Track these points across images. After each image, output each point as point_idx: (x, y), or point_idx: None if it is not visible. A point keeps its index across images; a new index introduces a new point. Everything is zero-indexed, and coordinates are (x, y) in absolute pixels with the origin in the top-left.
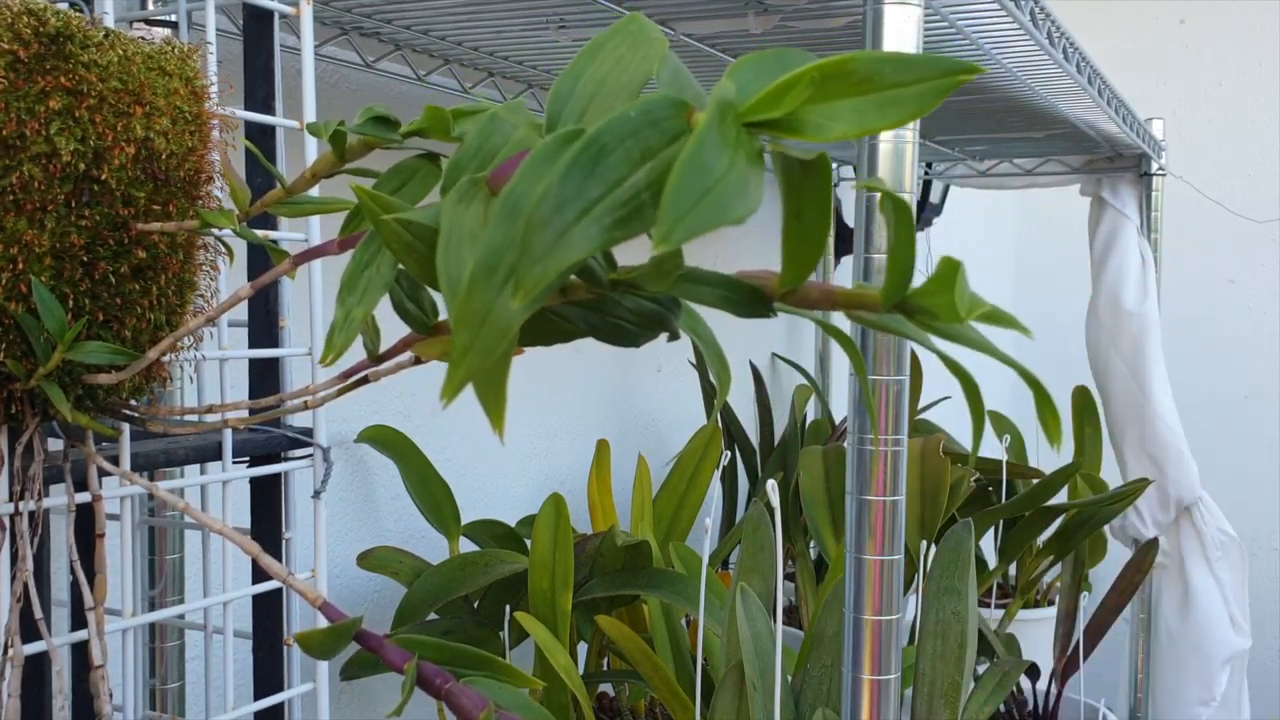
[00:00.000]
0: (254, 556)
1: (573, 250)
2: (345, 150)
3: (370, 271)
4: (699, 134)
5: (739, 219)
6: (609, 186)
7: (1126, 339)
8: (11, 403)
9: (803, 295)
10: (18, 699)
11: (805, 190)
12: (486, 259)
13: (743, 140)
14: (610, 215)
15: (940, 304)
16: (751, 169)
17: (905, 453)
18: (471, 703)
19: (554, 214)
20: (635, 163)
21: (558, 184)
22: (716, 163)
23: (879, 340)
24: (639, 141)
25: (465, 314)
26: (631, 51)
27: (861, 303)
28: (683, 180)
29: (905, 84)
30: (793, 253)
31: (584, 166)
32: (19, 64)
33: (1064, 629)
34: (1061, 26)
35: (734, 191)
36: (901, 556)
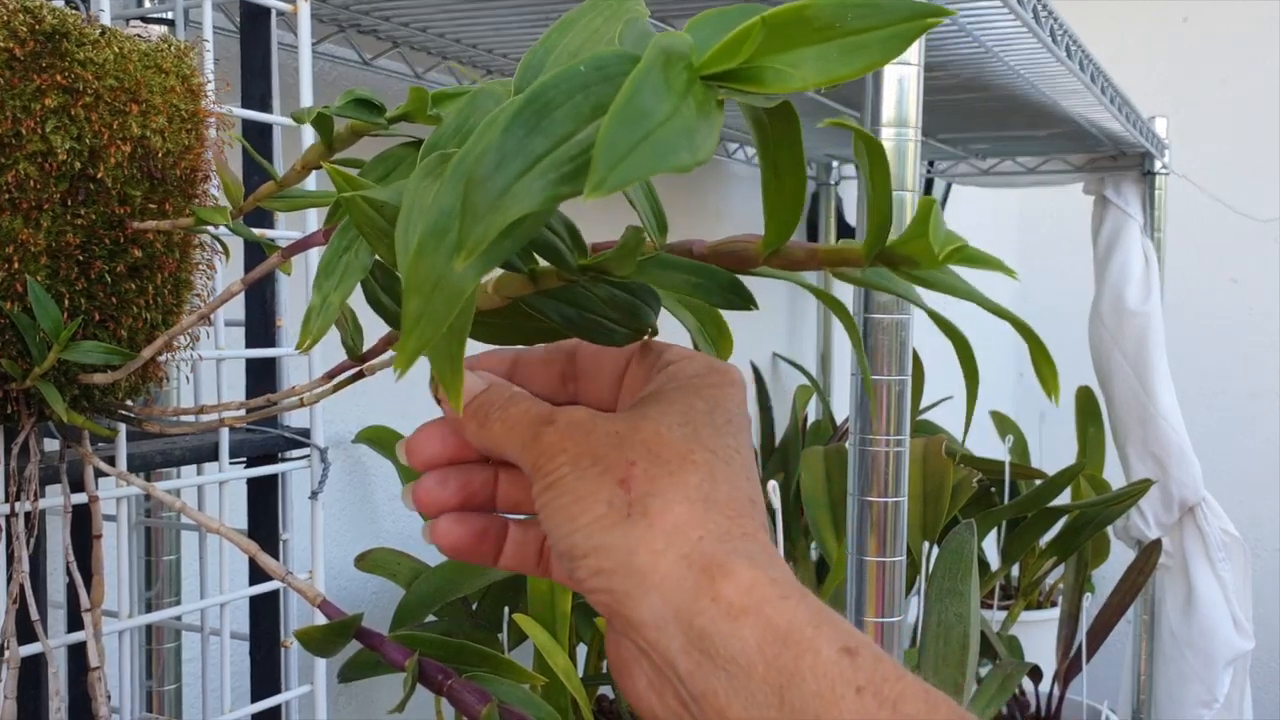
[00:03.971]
0: (252, 556)
1: (515, 206)
2: (333, 138)
3: (348, 256)
4: (635, 76)
5: (682, 167)
6: (554, 142)
7: (1130, 338)
8: (7, 403)
9: (787, 256)
10: (14, 701)
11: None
12: (436, 223)
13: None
14: (555, 170)
15: (919, 249)
16: (701, 118)
17: (907, 453)
18: (474, 698)
19: (495, 170)
20: (585, 118)
21: (499, 139)
22: (657, 107)
23: (880, 340)
24: (589, 96)
25: (415, 280)
26: (607, 24)
27: (845, 258)
28: (617, 125)
29: (870, 29)
30: (774, 210)
31: (527, 121)
32: (14, 62)
33: (1067, 630)
34: (1064, 24)
35: (676, 138)
36: (903, 558)
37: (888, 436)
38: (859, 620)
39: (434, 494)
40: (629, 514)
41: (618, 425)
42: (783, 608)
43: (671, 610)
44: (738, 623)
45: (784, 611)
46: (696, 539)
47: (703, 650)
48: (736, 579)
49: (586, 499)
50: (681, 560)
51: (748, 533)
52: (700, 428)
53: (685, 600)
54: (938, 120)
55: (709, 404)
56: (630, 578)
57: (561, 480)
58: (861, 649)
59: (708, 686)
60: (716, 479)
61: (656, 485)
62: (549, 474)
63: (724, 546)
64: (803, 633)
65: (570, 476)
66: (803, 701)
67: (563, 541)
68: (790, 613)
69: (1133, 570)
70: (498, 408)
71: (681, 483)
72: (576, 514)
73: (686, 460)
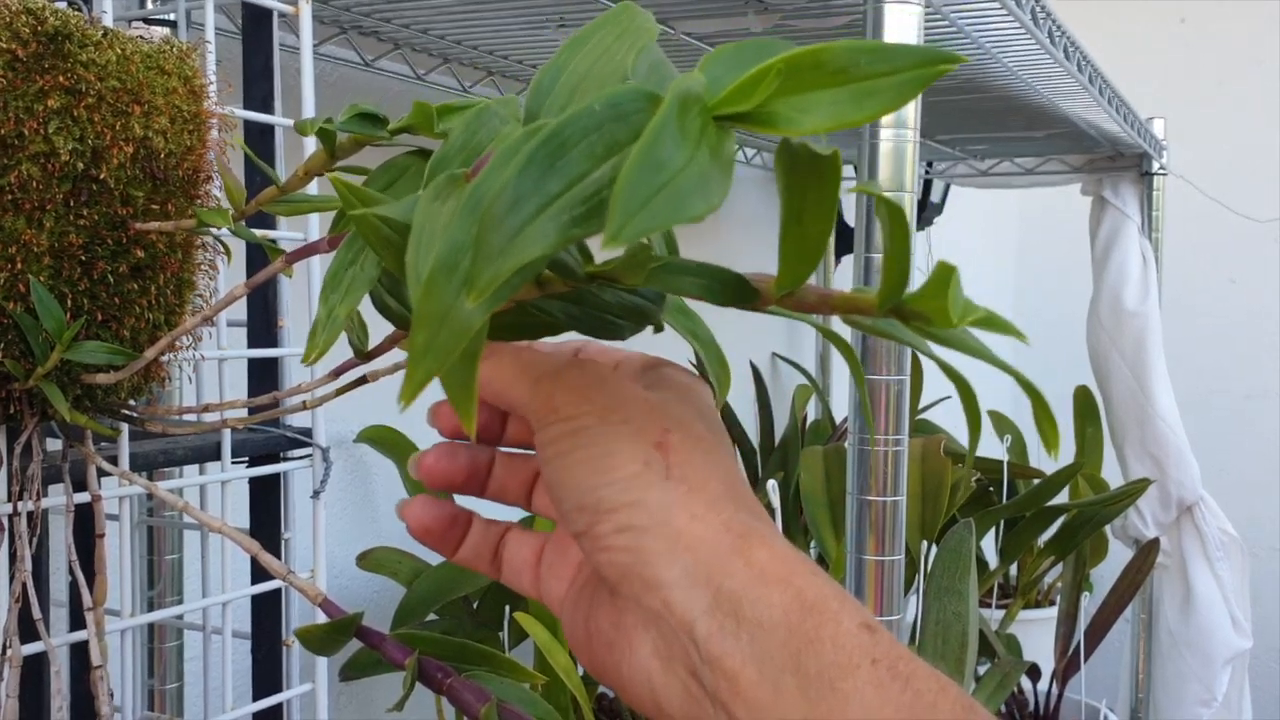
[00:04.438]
0: (254, 554)
1: (528, 249)
2: (335, 147)
3: (354, 269)
4: (654, 126)
5: (696, 217)
6: (568, 183)
7: (1128, 339)
8: (10, 402)
9: (799, 299)
10: (16, 699)
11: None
12: (446, 257)
13: (707, 134)
14: (568, 213)
15: (934, 309)
16: (714, 164)
17: (906, 453)
18: (474, 697)
19: (509, 211)
20: (598, 158)
21: (515, 179)
22: (674, 157)
23: (879, 340)
24: (603, 136)
25: (423, 314)
26: (619, 42)
27: (857, 307)
28: (635, 175)
29: (883, 74)
30: (791, 256)
31: (543, 161)
32: (17, 63)
33: (1065, 629)
34: (1062, 25)
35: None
36: (902, 557)
37: (886, 436)
38: None
39: (440, 465)
40: (668, 475)
41: (644, 392)
42: (812, 580)
43: (704, 571)
44: (769, 588)
45: (813, 584)
46: (734, 510)
47: (727, 612)
48: (771, 548)
49: (619, 454)
50: (721, 525)
51: (770, 525)
52: (713, 425)
53: (718, 562)
54: (936, 121)
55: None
56: (663, 538)
57: (587, 430)
58: (880, 629)
59: (724, 649)
60: (737, 474)
61: (694, 458)
62: (570, 419)
63: (758, 523)
64: (828, 604)
65: (597, 428)
66: (819, 668)
67: (589, 494)
68: (820, 587)
69: (1131, 569)
70: (511, 348)
71: (716, 463)
72: (609, 467)
73: (716, 446)
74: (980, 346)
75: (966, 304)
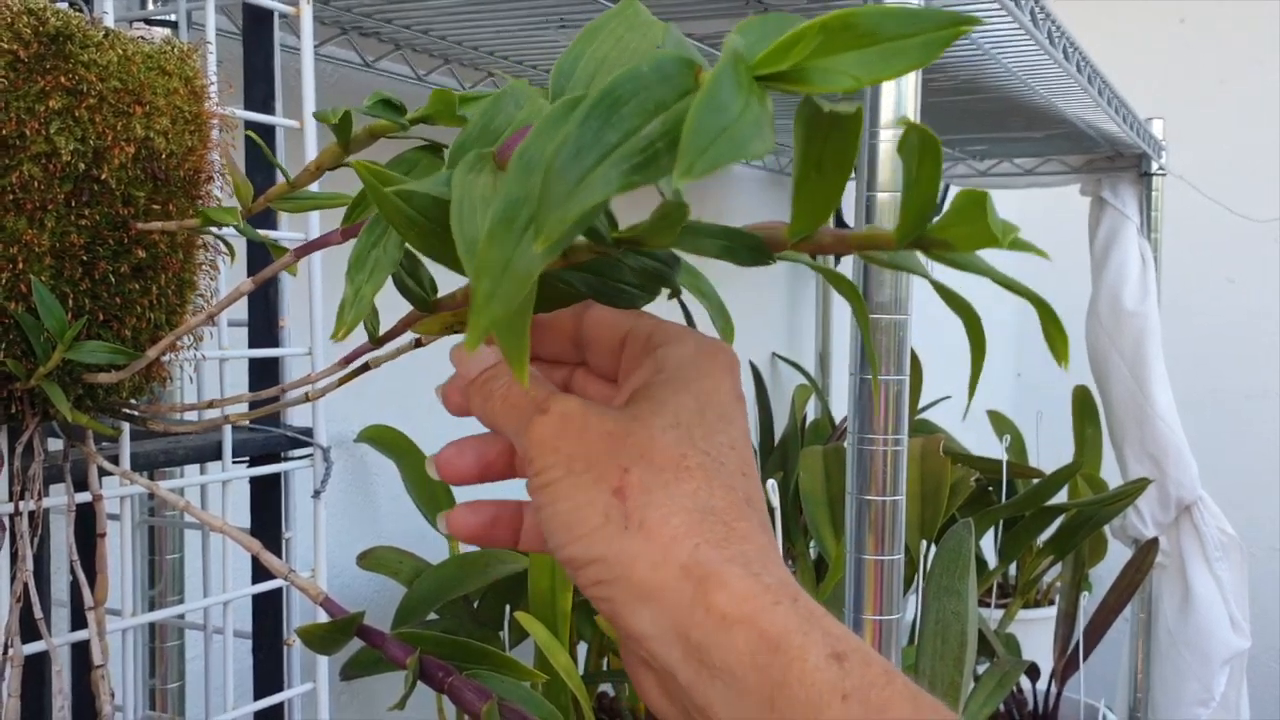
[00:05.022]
0: (255, 554)
1: (593, 193)
2: (350, 140)
3: (378, 251)
4: (715, 76)
5: (757, 154)
6: (625, 134)
7: (1127, 338)
8: (11, 402)
9: (815, 241)
10: (18, 699)
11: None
12: (505, 211)
13: (753, 88)
14: (627, 161)
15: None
16: (764, 114)
17: (905, 452)
18: (475, 695)
19: (573, 160)
20: (649, 113)
21: (576, 131)
22: (732, 103)
23: (879, 340)
24: (651, 95)
25: (486, 264)
26: (630, 33)
27: (875, 243)
28: (701, 118)
29: (908, 35)
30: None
31: (601, 115)
32: (19, 63)
33: (1064, 629)
34: (1061, 26)
35: (750, 130)
36: (901, 556)
37: (886, 436)
38: (857, 618)
39: (454, 463)
40: (626, 526)
41: (610, 425)
42: (775, 615)
43: (669, 622)
44: (730, 633)
45: (776, 619)
46: (693, 547)
47: (700, 661)
48: (729, 589)
49: (582, 509)
50: (679, 571)
51: (745, 535)
52: (692, 429)
53: (681, 612)
54: (936, 122)
55: (699, 402)
56: (628, 589)
57: (556, 484)
58: (851, 654)
59: (707, 699)
60: (712, 484)
61: (653, 496)
62: (542, 473)
63: (720, 553)
64: (792, 640)
65: (564, 481)
66: (791, 710)
67: (561, 552)
68: (782, 620)
69: (1130, 569)
70: (501, 385)
71: (678, 491)
72: (573, 524)
73: (681, 467)
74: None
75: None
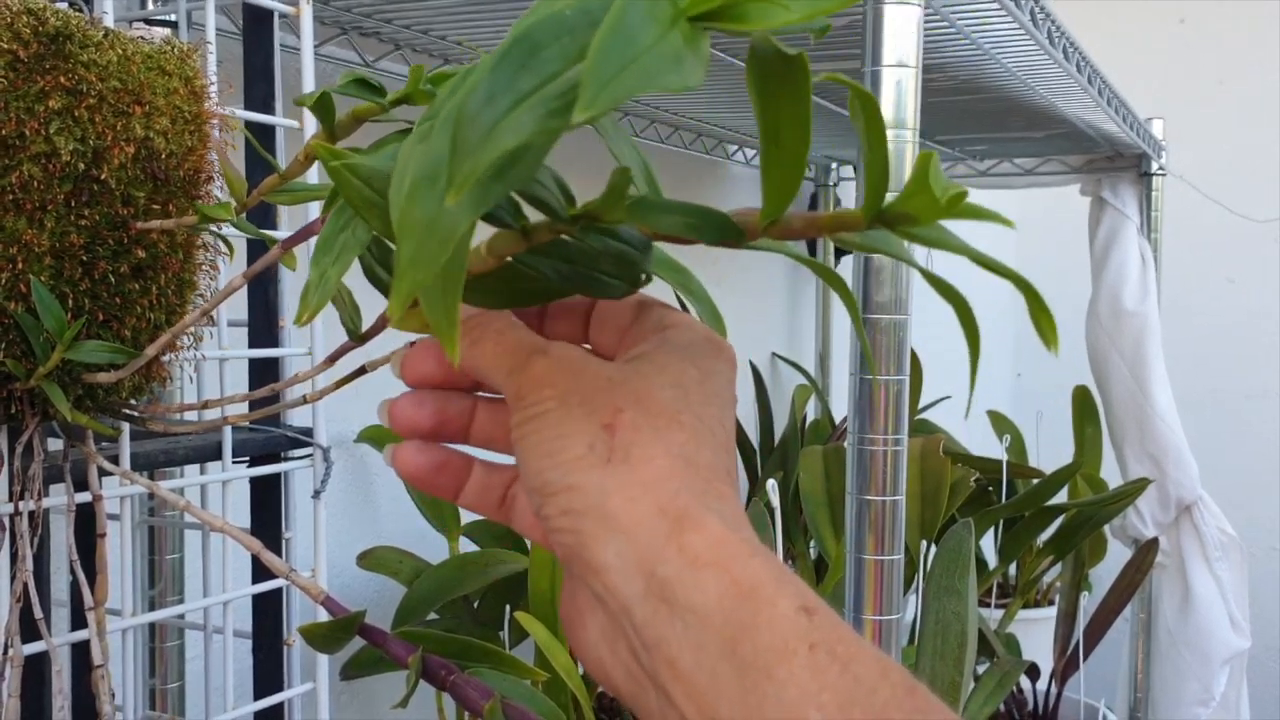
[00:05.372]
0: (256, 553)
1: (505, 139)
2: (335, 126)
3: (345, 234)
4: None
5: (670, 87)
6: (543, 80)
7: (1127, 338)
8: (11, 402)
9: (785, 226)
10: (18, 699)
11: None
12: (427, 168)
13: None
14: (544, 106)
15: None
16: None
17: (905, 452)
18: (477, 694)
19: (484, 106)
20: (571, 59)
21: (487, 78)
22: (642, 33)
23: (879, 340)
24: (575, 38)
25: (407, 224)
26: None
27: (844, 224)
28: (605, 48)
29: None
30: (772, 180)
31: (515, 60)
32: (18, 63)
33: (1064, 629)
34: (1061, 26)
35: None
36: (901, 556)
37: (886, 436)
38: (858, 618)
39: (408, 412)
40: (610, 459)
41: (610, 371)
42: (749, 565)
43: (636, 555)
44: (701, 574)
45: (749, 569)
46: (673, 492)
47: (661, 598)
48: (705, 531)
49: (568, 436)
50: (655, 509)
51: (723, 496)
52: (691, 393)
53: (652, 546)
54: (936, 122)
55: (702, 373)
56: (600, 520)
57: (546, 414)
58: (820, 610)
59: (660, 635)
60: (700, 443)
61: (641, 436)
62: (533, 405)
63: (699, 501)
64: (764, 589)
65: (555, 412)
66: (754, 654)
67: (537, 477)
68: (756, 570)
69: (1129, 569)
70: (495, 330)
71: (667, 439)
72: (556, 450)
73: (674, 419)
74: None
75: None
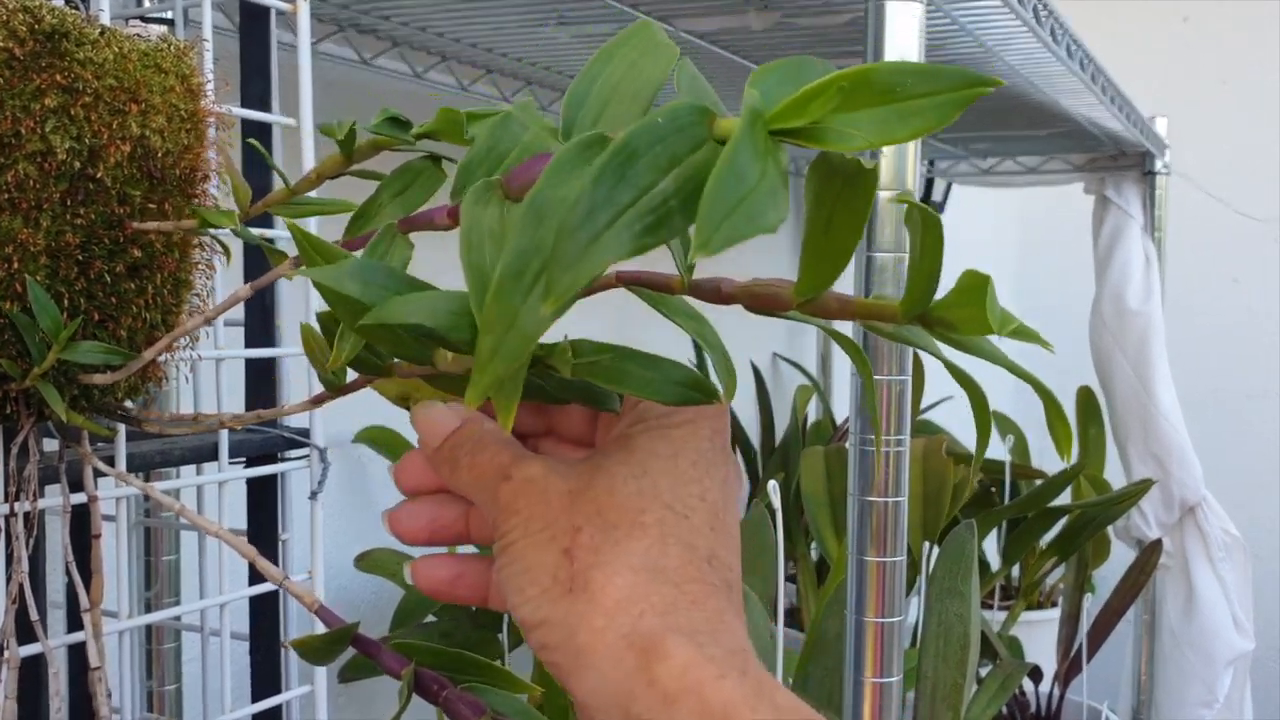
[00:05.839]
0: (251, 559)
1: (604, 256)
2: (354, 151)
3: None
4: (734, 142)
5: (771, 228)
6: (638, 192)
7: (1130, 338)
8: (6, 403)
9: (820, 305)
10: (14, 701)
11: (841, 203)
12: (513, 264)
13: (770, 148)
14: (640, 222)
15: (965, 317)
16: (779, 178)
17: (908, 453)
18: (469, 709)
19: (586, 219)
20: (663, 169)
21: (590, 190)
22: (750, 171)
23: (881, 340)
24: (666, 148)
25: (491, 319)
26: (643, 57)
27: (880, 314)
28: (719, 189)
29: (926, 95)
30: (813, 263)
31: (615, 172)
32: (14, 61)
33: (1067, 631)
34: (1064, 24)
35: (766, 201)
36: (904, 558)
37: (888, 436)
38: (859, 620)
39: (404, 524)
40: (571, 588)
41: (571, 482)
42: (719, 688)
43: (610, 692)
44: (673, 708)
45: (720, 692)
46: (637, 615)
47: None
48: (672, 660)
49: (533, 570)
50: (620, 640)
51: (695, 600)
52: (659, 479)
53: (622, 684)
54: None
55: (674, 447)
56: (572, 655)
57: (513, 546)
58: None
59: None
60: (668, 541)
61: (601, 555)
62: (504, 535)
63: (665, 621)
64: (739, 713)
65: (520, 543)
66: None
67: (515, 612)
68: (727, 693)
69: (1133, 570)
70: (466, 452)
71: (627, 551)
72: (524, 585)
73: (636, 524)
74: (999, 353)
75: (1004, 314)
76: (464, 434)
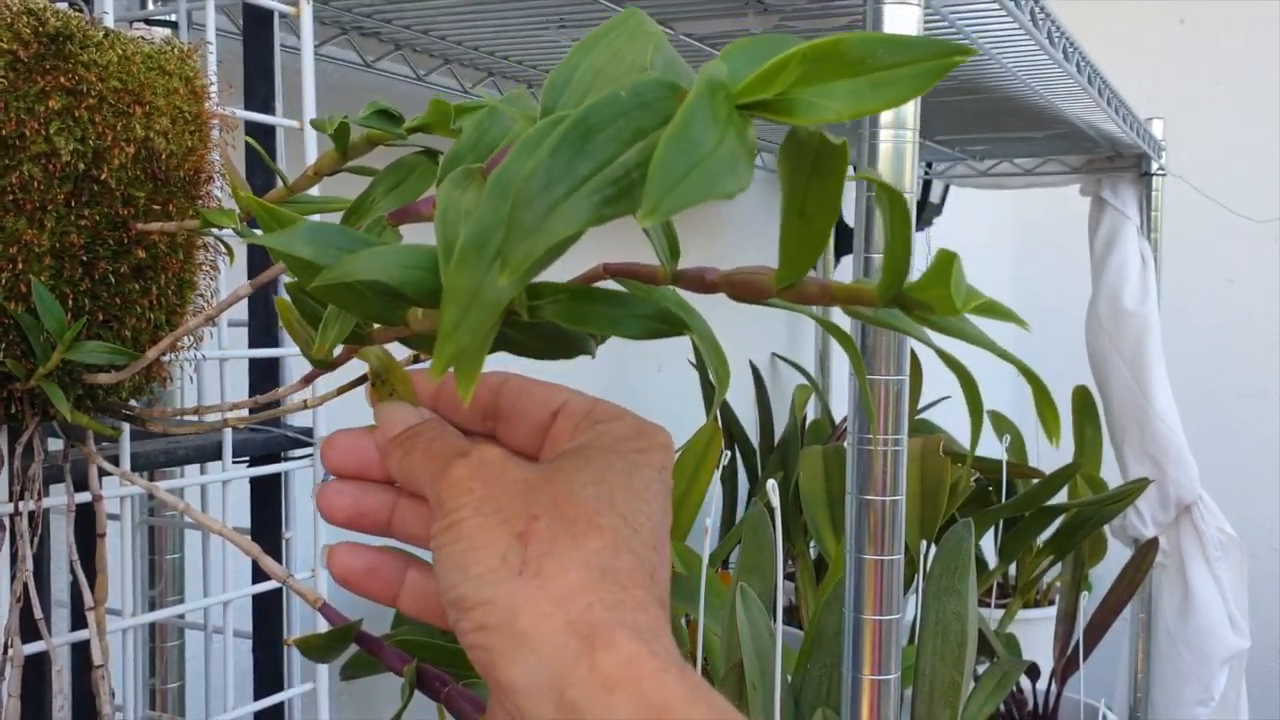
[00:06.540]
0: (254, 558)
1: (561, 226)
2: (348, 147)
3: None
4: (686, 108)
5: (728, 194)
6: (598, 165)
7: (1127, 339)
8: (11, 402)
9: (800, 291)
10: (18, 699)
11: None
12: (476, 236)
13: (733, 120)
14: (599, 193)
15: (937, 297)
16: (741, 147)
17: (905, 452)
18: (471, 706)
19: (542, 190)
20: (626, 142)
21: (546, 161)
22: (705, 137)
23: (879, 339)
24: (630, 122)
25: (454, 291)
26: (628, 45)
27: (858, 297)
28: (670, 154)
29: (900, 64)
30: (791, 249)
31: (573, 144)
32: (19, 64)
33: (1064, 629)
34: (1061, 26)
35: (722, 167)
36: (901, 556)
37: (886, 436)
38: (857, 618)
39: (328, 499)
40: (521, 571)
41: (530, 474)
42: (660, 681)
43: (546, 676)
44: (612, 695)
45: (661, 686)
46: (585, 606)
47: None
48: (616, 650)
49: (481, 548)
50: (565, 626)
51: (640, 604)
52: (615, 489)
53: (562, 667)
54: (935, 122)
55: (630, 466)
56: (510, 638)
57: (461, 523)
58: None
59: None
60: (619, 547)
61: (556, 546)
62: (450, 512)
63: (611, 615)
64: (676, 708)
65: (470, 521)
66: None
67: (451, 591)
68: (668, 688)
69: (1129, 569)
70: (425, 439)
71: (581, 547)
72: (469, 563)
73: (592, 524)
74: (981, 334)
75: (969, 291)
76: (426, 426)
